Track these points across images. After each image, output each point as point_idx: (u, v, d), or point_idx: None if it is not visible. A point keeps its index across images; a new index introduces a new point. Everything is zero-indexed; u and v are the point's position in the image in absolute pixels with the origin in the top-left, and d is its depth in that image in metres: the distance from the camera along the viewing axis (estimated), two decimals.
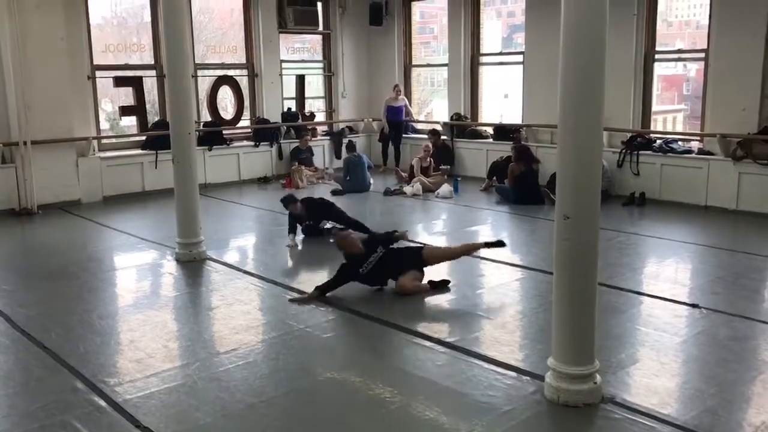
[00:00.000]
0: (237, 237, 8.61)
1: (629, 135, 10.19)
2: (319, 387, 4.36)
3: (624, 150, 10.13)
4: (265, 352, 4.90)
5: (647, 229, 8.36)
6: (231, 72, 12.40)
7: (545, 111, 10.40)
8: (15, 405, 4.13)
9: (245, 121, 12.62)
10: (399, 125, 12.93)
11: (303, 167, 11.89)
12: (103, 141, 11.16)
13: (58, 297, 6.10)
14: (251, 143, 12.35)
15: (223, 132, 12.09)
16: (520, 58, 11.81)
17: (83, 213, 9.73)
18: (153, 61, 11.39)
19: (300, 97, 13.28)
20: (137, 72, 11.38)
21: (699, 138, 9.90)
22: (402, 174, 11.71)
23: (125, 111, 11.31)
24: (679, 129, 11.99)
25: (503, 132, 11.82)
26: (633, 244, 7.73)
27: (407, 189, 10.88)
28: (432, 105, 14.80)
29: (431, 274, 6.22)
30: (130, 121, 11.61)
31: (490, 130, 12.33)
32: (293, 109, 13.13)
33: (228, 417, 3.93)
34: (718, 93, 9.31)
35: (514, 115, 12.19)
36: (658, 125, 11.11)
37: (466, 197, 10.58)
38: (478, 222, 9.20)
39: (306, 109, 13.44)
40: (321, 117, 13.79)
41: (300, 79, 13.28)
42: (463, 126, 12.52)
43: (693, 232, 8.34)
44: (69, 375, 4.49)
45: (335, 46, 13.54)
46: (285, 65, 13.03)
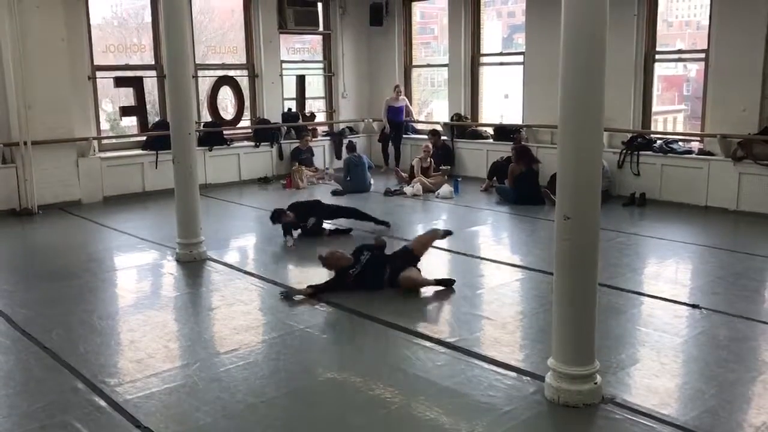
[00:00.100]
0: (237, 237, 8.61)
1: (630, 135, 10.19)
2: (320, 387, 4.36)
3: (624, 150, 10.13)
4: (266, 352, 4.90)
5: (647, 230, 8.36)
6: (231, 72, 12.41)
7: (545, 111, 10.40)
8: (15, 405, 4.13)
9: (246, 122, 12.63)
10: (399, 125, 12.93)
11: (303, 167, 11.91)
12: (104, 141, 11.16)
13: (58, 297, 6.10)
14: (251, 143, 12.36)
15: (224, 132, 12.10)
16: (520, 58, 11.82)
17: (83, 213, 9.73)
18: (153, 62, 11.40)
19: (300, 98, 13.28)
20: (138, 72, 11.38)
21: (699, 138, 9.90)
22: (402, 174, 11.71)
23: (126, 111, 11.32)
24: (680, 129, 12.00)
25: (503, 132, 11.82)
26: (633, 244, 7.73)
27: (407, 189, 10.88)
28: (432, 105, 14.80)
29: (437, 272, 6.25)
30: (130, 122, 11.62)
31: (490, 130, 12.33)
32: (293, 110, 13.14)
33: (228, 417, 3.93)
34: (718, 93, 9.31)
35: (514, 116, 12.19)
36: (658, 126, 11.11)
37: (466, 198, 10.58)
38: (478, 222, 9.20)
39: (306, 110, 13.44)
40: (321, 117, 13.79)
41: (300, 80, 13.28)
42: (464, 126, 12.52)
43: (693, 232, 8.34)
44: (69, 375, 4.49)
45: (335, 46, 13.55)
46: (285, 65, 13.04)
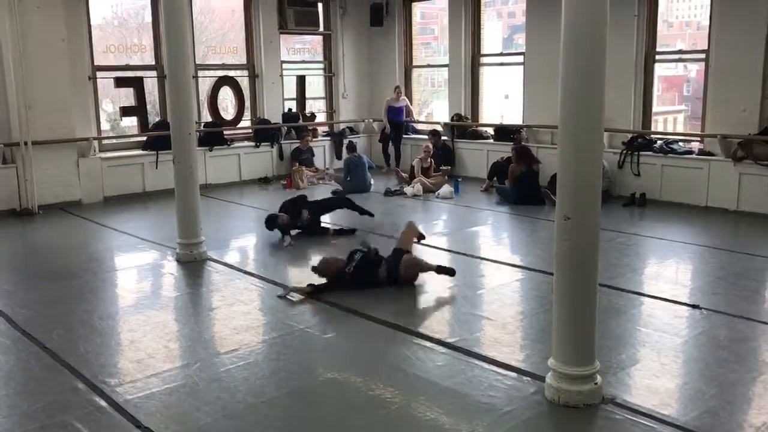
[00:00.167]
0: (238, 237, 8.61)
1: (630, 135, 10.19)
2: (320, 387, 4.36)
3: (625, 150, 10.13)
4: (266, 352, 4.90)
5: (648, 230, 8.36)
6: (232, 72, 12.41)
7: (546, 112, 10.40)
8: (15, 405, 4.13)
9: (246, 122, 12.63)
10: (399, 125, 12.93)
11: (303, 168, 11.91)
12: (104, 141, 11.15)
13: (58, 297, 6.10)
14: (252, 144, 12.36)
15: (224, 132, 12.10)
16: (520, 58, 11.81)
17: (84, 213, 9.73)
18: (154, 62, 11.40)
19: (301, 98, 13.28)
20: (138, 72, 11.38)
21: (699, 139, 9.90)
22: (402, 174, 11.71)
23: (126, 111, 11.32)
24: (680, 129, 12.00)
25: (504, 133, 11.82)
26: (633, 244, 7.73)
27: (408, 189, 10.88)
28: (432, 106, 14.81)
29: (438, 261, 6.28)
30: (130, 122, 11.62)
31: (490, 130, 12.33)
32: (294, 110, 13.14)
33: (229, 417, 3.93)
34: (718, 93, 9.30)
35: (514, 116, 12.19)
36: (658, 126, 11.11)
37: (466, 198, 10.58)
38: (478, 222, 9.20)
39: (307, 110, 13.44)
40: (321, 117, 13.80)
41: (301, 80, 13.28)
42: (464, 126, 12.52)
43: (693, 232, 8.34)
44: (69, 375, 4.49)
45: (336, 46, 13.55)
46: (286, 66, 13.04)
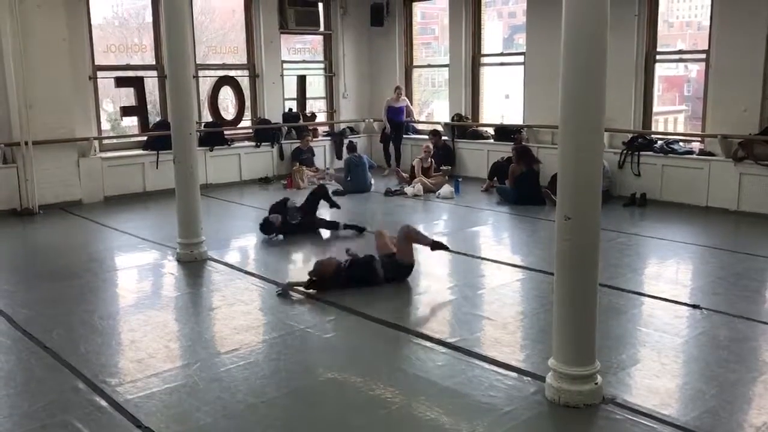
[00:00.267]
0: (238, 237, 8.61)
1: (630, 136, 10.19)
2: (320, 387, 4.36)
3: (625, 151, 10.13)
4: (266, 352, 4.90)
5: (648, 230, 8.36)
6: (232, 72, 12.40)
7: (546, 112, 10.40)
8: (16, 405, 4.14)
9: (246, 122, 12.63)
10: (400, 125, 12.91)
11: (304, 168, 11.91)
12: (105, 141, 11.15)
13: (59, 297, 6.10)
14: (252, 144, 12.36)
15: (224, 132, 12.09)
16: (521, 58, 11.81)
17: (84, 213, 9.73)
18: (154, 62, 11.40)
19: (301, 98, 13.28)
20: (138, 72, 11.38)
21: (700, 139, 9.89)
22: (403, 174, 11.71)
23: (126, 111, 11.32)
24: (680, 130, 12.01)
25: (504, 133, 11.81)
26: (634, 244, 7.73)
27: (408, 189, 10.88)
28: (433, 106, 14.81)
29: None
30: (131, 122, 11.62)
31: (491, 130, 12.32)
32: (294, 110, 13.13)
33: (229, 417, 3.93)
34: (719, 94, 9.30)
35: (515, 116, 12.19)
36: (659, 126, 11.11)
37: (466, 198, 10.58)
38: (479, 222, 9.20)
39: (307, 110, 13.44)
40: (322, 117, 13.79)
41: (301, 80, 13.28)
42: (464, 126, 12.51)
43: (694, 232, 8.34)
44: (70, 375, 4.49)
45: (336, 46, 13.55)
46: (286, 66, 13.04)
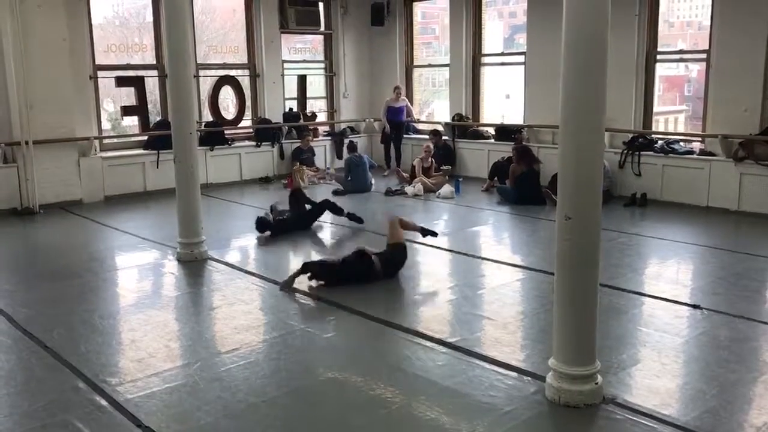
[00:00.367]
0: (238, 237, 8.59)
1: (631, 135, 10.19)
2: (321, 387, 4.36)
3: (625, 150, 10.13)
4: (267, 351, 4.90)
5: (649, 230, 8.35)
6: (233, 72, 12.40)
7: (547, 111, 10.39)
8: (16, 404, 4.14)
9: (247, 121, 12.63)
10: (400, 125, 12.90)
11: (304, 167, 11.90)
12: (105, 141, 11.16)
13: (59, 297, 6.10)
14: (253, 143, 12.36)
15: (225, 132, 12.10)
16: (521, 58, 11.81)
17: (85, 213, 9.73)
18: (155, 61, 11.40)
19: (301, 98, 13.28)
20: (139, 72, 11.38)
21: (700, 139, 9.89)
22: (403, 174, 11.71)
23: (127, 111, 11.32)
24: (681, 129, 12.01)
25: (505, 132, 11.81)
26: (634, 244, 7.73)
27: (408, 189, 10.88)
28: (433, 105, 14.80)
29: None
30: (131, 121, 11.63)
31: (491, 130, 12.32)
32: (295, 110, 13.14)
33: (229, 417, 3.93)
34: (719, 93, 9.29)
35: (515, 116, 12.19)
36: (659, 126, 11.10)
37: (467, 198, 10.58)
38: (479, 222, 9.20)
39: (307, 110, 13.44)
40: (322, 117, 13.79)
41: (301, 80, 13.29)
42: (465, 126, 12.51)
43: (694, 232, 8.34)
44: (70, 374, 4.49)
45: (337, 46, 13.55)
46: (286, 65, 13.04)
